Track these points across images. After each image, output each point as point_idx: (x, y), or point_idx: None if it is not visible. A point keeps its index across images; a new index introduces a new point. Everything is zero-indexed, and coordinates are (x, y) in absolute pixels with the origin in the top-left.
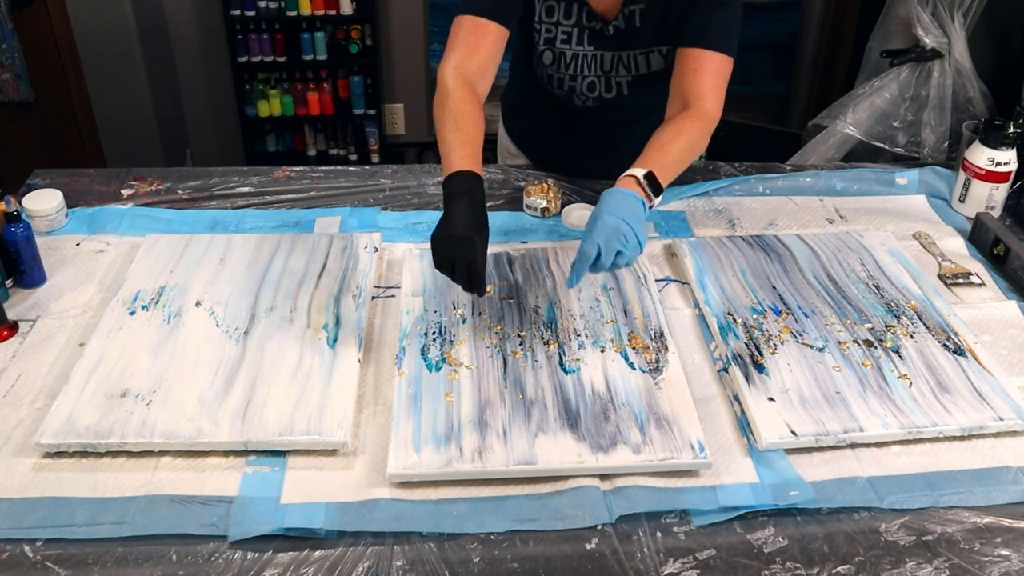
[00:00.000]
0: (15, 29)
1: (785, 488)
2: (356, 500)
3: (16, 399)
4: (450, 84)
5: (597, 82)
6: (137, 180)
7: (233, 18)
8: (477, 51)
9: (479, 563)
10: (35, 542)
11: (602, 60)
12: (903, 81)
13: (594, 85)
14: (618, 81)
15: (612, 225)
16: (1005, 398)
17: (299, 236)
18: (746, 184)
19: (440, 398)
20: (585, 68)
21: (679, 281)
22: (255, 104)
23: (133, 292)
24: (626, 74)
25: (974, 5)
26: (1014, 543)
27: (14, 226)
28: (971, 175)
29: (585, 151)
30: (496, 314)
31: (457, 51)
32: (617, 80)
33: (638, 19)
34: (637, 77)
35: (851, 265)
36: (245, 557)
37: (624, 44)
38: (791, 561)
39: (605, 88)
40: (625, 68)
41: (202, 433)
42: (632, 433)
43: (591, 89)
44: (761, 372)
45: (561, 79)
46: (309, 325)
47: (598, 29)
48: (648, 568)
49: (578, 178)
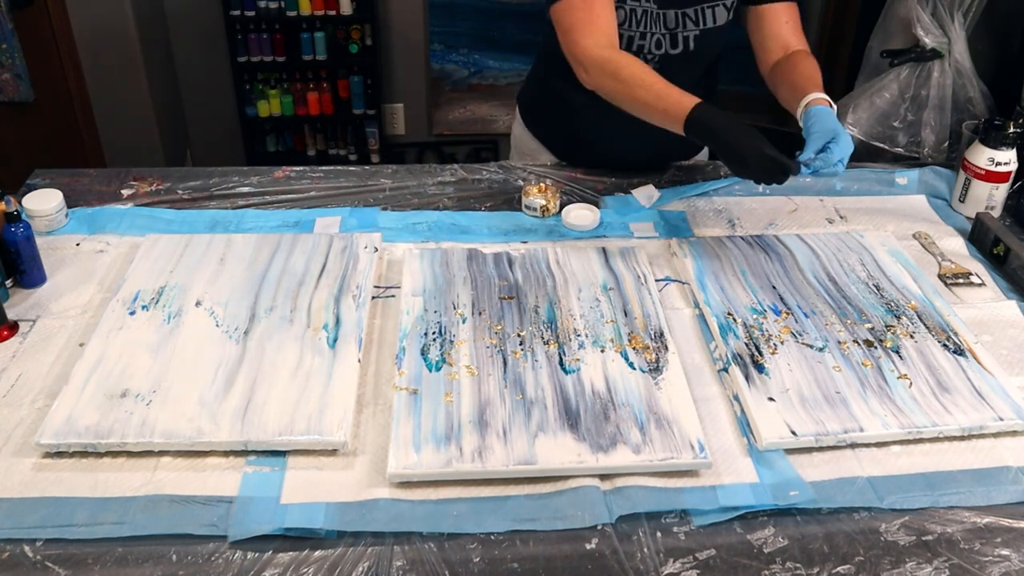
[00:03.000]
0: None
1: (785, 488)
2: (356, 500)
3: (16, 399)
4: (607, 55)
5: (663, 39)
6: (137, 180)
7: (233, 18)
8: (600, 23)
9: (479, 563)
10: (35, 542)
11: (666, 17)
12: (903, 81)
13: (660, 42)
14: (685, 36)
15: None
16: (1005, 398)
17: (299, 236)
18: (746, 184)
19: (440, 398)
20: (652, 25)
21: (679, 281)
22: (255, 104)
23: (133, 292)
24: (693, 28)
25: (974, 5)
26: (1014, 543)
27: (14, 226)
28: (971, 175)
29: (629, 137)
30: (496, 314)
31: (587, 30)
32: (684, 35)
33: None
34: (704, 31)
35: (851, 265)
36: (245, 557)
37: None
38: (791, 561)
39: (671, 44)
40: (692, 22)
41: (202, 433)
42: (632, 433)
43: (658, 46)
44: (761, 372)
45: (631, 37)
46: (309, 325)
47: None
48: (648, 568)
49: (616, 170)
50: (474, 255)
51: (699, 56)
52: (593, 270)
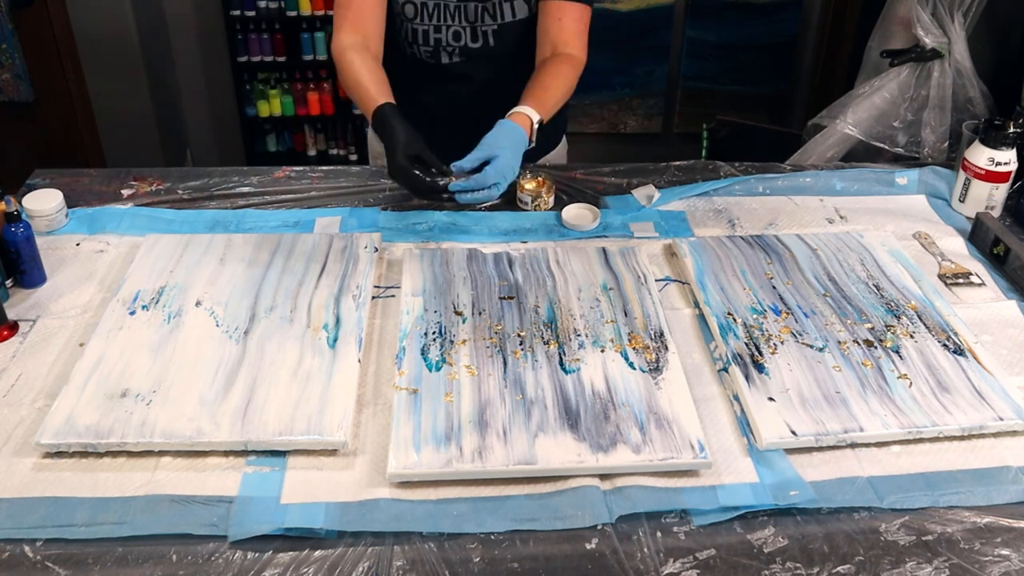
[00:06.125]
0: (15, 29)
1: (785, 488)
2: (356, 500)
3: (16, 399)
4: (348, 55)
5: (462, 32)
6: (137, 180)
7: (233, 18)
8: (358, 20)
9: (479, 563)
10: (35, 542)
11: (466, 10)
12: (903, 81)
13: (459, 35)
14: (483, 31)
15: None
16: (1005, 398)
17: (299, 236)
18: (746, 184)
19: (440, 398)
20: (448, 17)
21: (679, 281)
22: (255, 104)
23: (133, 292)
24: (492, 22)
25: (974, 5)
26: (1014, 543)
27: (14, 226)
28: (971, 175)
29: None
30: (496, 314)
31: (342, 28)
32: (483, 30)
33: None
34: (503, 26)
35: (851, 265)
36: (245, 557)
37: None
38: (791, 561)
39: (471, 38)
40: (491, 16)
41: (202, 433)
42: (632, 433)
43: (456, 38)
44: (761, 372)
45: (426, 32)
46: (309, 325)
47: None
48: (648, 568)
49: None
50: (474, 255)
51: (500, 51)
52: (593, 270)
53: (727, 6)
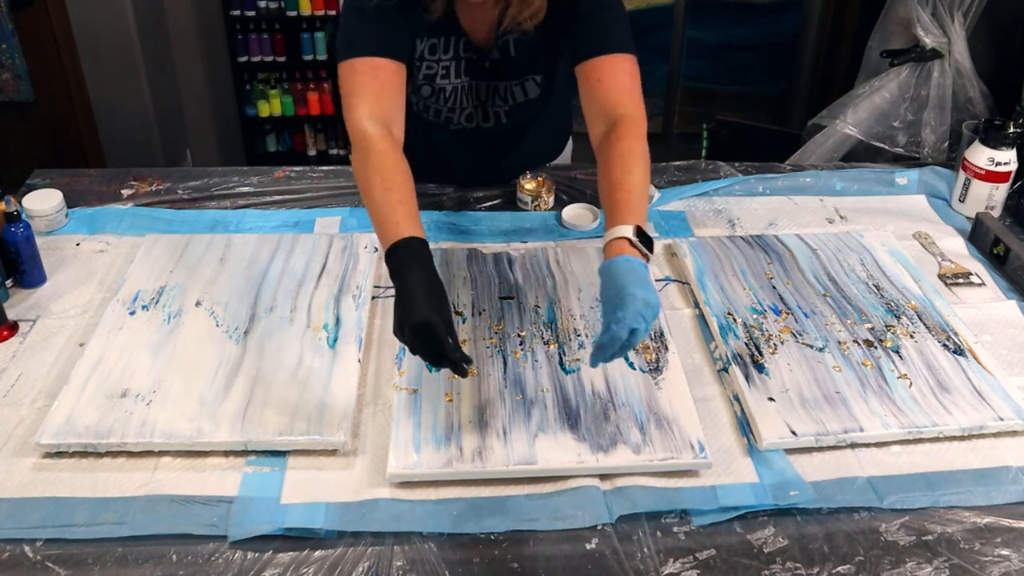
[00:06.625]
0: (15, 29)
1: (785, 488)
2: (356, 500)
3: (16, 399)
4: (369, 134)
5: (475, 112)
6: (137, 180)
7: (233, 18)
8: (383, 94)
9: (479, 563)
10: (35, 542)
11: (478, 90)
12: (903, 81)
13: (472, 116)
14: (495, 111)
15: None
16: (1005, 398)
17: (299, 236)
18: (746, 184)
19: (440, 398)
20: (463, 99)
21: (679, 281)
22: (255, 104)
23: (133, 292)
24: (503, 104)
25: (974, 5)
26: (1014, 543)
27: (14, 226)
28: (971, 175)
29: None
30: (496, 314)
31: (364, 98)
32: (495, 110)
33: (512, 48)
34: (514, 106)
35: (851, 265)
36: (245, 557)
37: (501, 75)
38: (791, 561)
39: (483, 118)
40: (502, 99)
41: (202, 433)
42: (632, 433)
43: (469, 120)
44: (761, 372)
45: (439, 110)
46: (309, 325)
47: (475, 60)
48: (648, 568)
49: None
50: (474, 255)
51: (513, 127)
52: (593, 270)
53: (727, 6)
